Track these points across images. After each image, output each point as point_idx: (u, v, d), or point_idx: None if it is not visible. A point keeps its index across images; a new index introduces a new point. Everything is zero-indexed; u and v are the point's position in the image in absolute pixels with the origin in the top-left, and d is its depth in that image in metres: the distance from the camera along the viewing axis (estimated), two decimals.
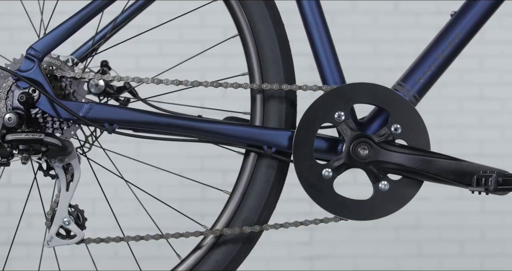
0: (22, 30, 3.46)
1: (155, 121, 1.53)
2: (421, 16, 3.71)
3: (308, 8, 1.60)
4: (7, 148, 1.48)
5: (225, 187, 1.66)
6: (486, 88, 3.70)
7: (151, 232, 1.59)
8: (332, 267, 3.61)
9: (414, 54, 3.74)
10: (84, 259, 1.86)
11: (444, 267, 3.60)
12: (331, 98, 1.52)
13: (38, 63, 1.51)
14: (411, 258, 3.63)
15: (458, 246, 3.63)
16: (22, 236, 3.57)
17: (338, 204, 1.52)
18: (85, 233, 1.55)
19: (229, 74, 1.67)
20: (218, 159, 3.62)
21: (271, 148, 1.55)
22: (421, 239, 3.63)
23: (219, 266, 1.57)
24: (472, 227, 3.63)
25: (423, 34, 3.67)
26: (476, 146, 3.66)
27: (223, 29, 3.63)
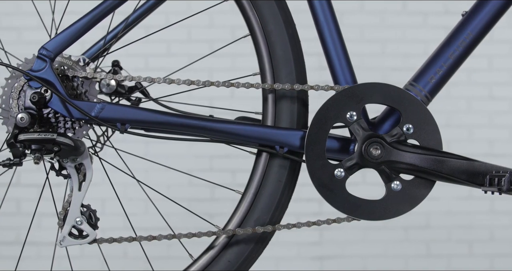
0: (31, 30, 3.48)
1: (167, 121, 1.53)
2: (429, 16, 3.70)
3: (320, 8, 1.60)
4: (19, 148, 1.48)
5: (234, 187, 1.66)
6: (495, 88, 3.70)
7: (160, 231, 1.59)
8: (342, 267, 3.61)
9: (422, 54, 3.75)
10: (89, 259, 1.86)
11: (453, 267, 3.59)
12: (343, 98, 1.52)
13: (50, 63, 1.52)
14: (420, 258, 3.62)
15: (467, 246, 3.62)
16: (31, 236, 3.58)
17: (350, 204, 1.52)
18: (97, 233, 1.55)
19: (237, 74, 1.66)
20: (226, 158, 3.62)
21: (283, 148, 1.55)
22: (430, 239, 3.62)
23: (232, 266, 1.57)
24: (481, 227, 3.62)
25: (431, 34, 3.69)
26: (485, 146, 3.65)
27: (231, 29, 3.63)
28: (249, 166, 3.74)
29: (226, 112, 1.88)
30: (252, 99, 2.26)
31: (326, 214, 3.53)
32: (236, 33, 3.65)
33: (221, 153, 3.63)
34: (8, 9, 3.61)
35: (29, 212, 3.60)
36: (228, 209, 1.64)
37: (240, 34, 1.67)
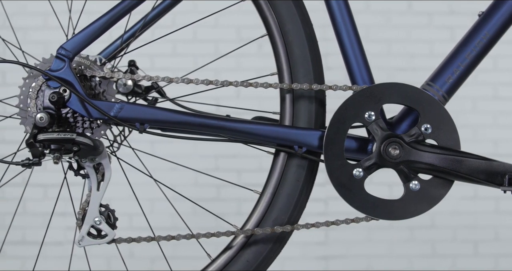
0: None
1: (187, 121, 1.53)
2: (434, 16, 3.70)
3: (337, 8, 1.60)
4: (38, 148, 1.48)
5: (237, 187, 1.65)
6: (500, 88, 3.70)
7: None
8: (347, 267, 3.61)
9: (427, 54, 3.75)
10: (94, 259, 1.85)
11: (458, 267, 3.60)
12: (362, 98, 1.52)
13: (69, 62, 1.52)
14: (425, 258, 3.63)
15: (472, 246, 3.62)
16: (37, 236, 3.58)
17: (369, 203, 1.52)
18: (116, 233, 1.55)
19: (247, 74, 1.66)
20: (232, 158, 3.62)
21: (301, 148, 1.55)
22: (435, 239, 3.63)
23: (250, 266, 1.57)
24: (486, 227, 3.63)
25: (436, 34, 3.69)
26: (490, 146, 3.66)
27: (237, 29, 3.63)
28: (254, 166, 3.75)
29: (240, 112, 1.88)
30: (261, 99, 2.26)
31: (332, 214, 3.55)
32: (252, 33, 3.66)
33: (227, 152, 3.63)
34: (25, 9, 3.60)
35: (35, 212, 3.60)
36: (235, 209, 1.65)
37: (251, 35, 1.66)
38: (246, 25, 3.57)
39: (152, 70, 3.22)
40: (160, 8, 1.76)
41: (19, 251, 3.59)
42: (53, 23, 3.21)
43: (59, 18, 1.79)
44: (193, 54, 3.67)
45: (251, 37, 1.66)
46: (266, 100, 2.58)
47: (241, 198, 3.48)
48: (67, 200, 3.63)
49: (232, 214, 3.37)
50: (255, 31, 1.67)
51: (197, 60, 3.69)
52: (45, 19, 3.65)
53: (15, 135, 3.43)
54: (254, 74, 3.17)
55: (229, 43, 3.63)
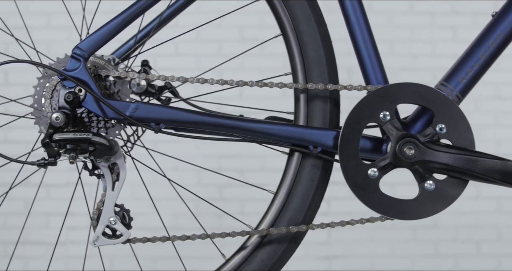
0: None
1: (202, 121, 1.53)
2: (437, 16, 3.71)
3: (351, 8, 1.61)
4: (54, 147, 1.48)
5: (243, 186, 1.65)
6: (502, 88, 3.71)
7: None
8: (349, 267, 3.62)
9: (430, 54, 3.75)
10: (96, 259, 1.85)
11: (461, 267, 3.61)
12: (377, 98, 1.53)
13: (84, 62, 1.51)
14: (427, 258, 3.63)
15: (474, 245, 3.63)
16: (39, 236, 3.58)
17: (384, 203, 1.53)
18: (131, 233, 1.55)
19: (249, 74, 1.66)
20: (235, 158, 3.62)
21: (316, 148, 1.55)
22: (437, 238, 3.63)
23: (265, 265, 1.57)
24: (488, 227, 3.63)
25: (439, 34, 3.70)
26: (492, 146, 3.67)
27: (239, 29, 3.63)
28: (257, 166, 3.74)
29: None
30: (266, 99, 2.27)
31: (334, 214, 3.55)
32: (245, 34, 3.66)
33: (229, 152, 3.63)
34: (38, 9, 3.60)
35: (38, 212, 3.60)
36: (238, 209, 1.66)
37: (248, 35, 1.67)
38: (249, 25, 3.58)
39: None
40: (174, 8, 1.76)
41: (21, 251, 3.57)
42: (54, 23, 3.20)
43: (72, 17, 1.78)
44: (196, 54, 3.67)
45: (254, 38, 1.65)
46: (270, 100, 2.59)
47: (244, 198, 3.49)
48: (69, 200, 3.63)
49: (235, 213, 3.37)
50: (257, 32, 1.67)
51: (200, 60, 3.69)
52: (48, 19, 3.65)
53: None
54: (256, 75, 3.18)
55: (232, 43, 3.64)
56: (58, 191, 3.56)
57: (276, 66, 3.53)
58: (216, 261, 1.63)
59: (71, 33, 3.55)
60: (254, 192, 1.62)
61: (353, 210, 1.50)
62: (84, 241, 3.50)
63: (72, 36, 3.60)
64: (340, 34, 1.70)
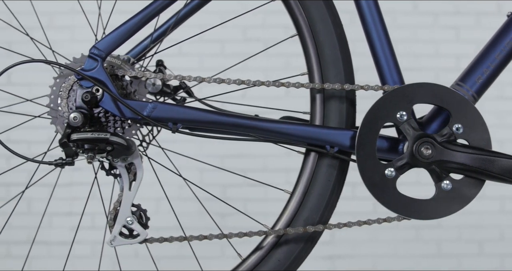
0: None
1: (220, 121, 1.53)
2: (440, 16, 3.71)
3: (367, 8, 1.61)
4: (72, 147, 1.48)
5: (246, 186, 1.65)
6: (505, 88, 3.72)
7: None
8: (353, 267, 3.62)
9: (433, 54, 3.75)
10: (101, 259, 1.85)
11: (464, 267, 3.61)
12: (394, 98, 1.53)
13: (101, 62, 1.51)
14: (430, 258, 3.64)
15: (477, 245, 3.64)
16: (42, 235, 3.57)
17: (401, 203, 1.53)
18: (147, 233, 1.55)
19: (252, 74, 1.66)
20: (237, 158, 3.62)
21: (333, 148, 1.55)
22: (440, 238, 3.64)
23: (281, 265, 1.57)
24: (491, 227, 3.64)
25: (442, 34, 3.70)
26: (495, 146, 3.65)
27: (243, 29, 3.63)
28: (259, 166, 3.74)
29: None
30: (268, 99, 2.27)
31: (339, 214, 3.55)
32: (249, 34, 3.66)
33: (232, 152, 3.63)
34: (53, 8, 3.59)
35: (41, 212, 3.59)
36: (241, 209, 1.66)
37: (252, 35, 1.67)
38: (253, 25, 3.58)
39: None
40: (189, 7, 1.76)
41: (24, 251, 3.57)
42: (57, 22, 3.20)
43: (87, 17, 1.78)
44: (199, 54, 3.67)
45: (258, 38, 1.66)
46: (274, 100, 2.59)
47: (247, 198, 3.49)
48: (72, 200, 3.62)
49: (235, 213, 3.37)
50: (260, 31, 1.67)
51: (203, 60, 3.69)
52: (50, 19, 3.64)
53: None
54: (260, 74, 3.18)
55: (235, 43, 3.64)
56: (61, 190, 3.56)
57: (279, 66, 3.54)
58: (230, 261, 1.63)
59: (74, 33, 3.56)
60: (256, 192, 1.62)
61: (356, 210, 1.51)
62: (88, 241, 3.52)
63: (75, 36, 3.62)
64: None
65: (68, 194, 3.52)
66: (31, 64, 1.55)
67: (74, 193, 3.55)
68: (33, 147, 3.42)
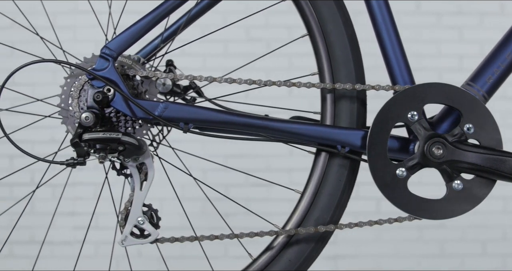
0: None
1: (232, 120, 1.53)
2: (443, 16, 3.71)
3: (377, 8, 1.61)
4: (84, 147, 1.48)
5: (249, 186, 1.65)
6: (508, 88, 3.71)
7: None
8: (355, 267, 3.62)
9: (436, 54, 3.75)
10: (103, 259, 1.85)
11: (467, 266, 3.61)
12: (405, 98, 1.53)
13: (113, 62, 1.51)
14: (433, 258, 3.64)
15: (480, 245, 3.64)
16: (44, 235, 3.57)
17: (412, 203, 1.53)
18: (159, 233, 1.55)
19: (256, 74, 1.65)
20: (241, 158, 3.62)
21: (344, 148, 1.55)
22: (443, 238, 3.64)
23: (292, 265, 1.57)
24: (494, 227, 3.64)
25: (445, 34, 3.70)
26: None
27: (246, 29, 3.63)
28: (262, 166, 3.73)
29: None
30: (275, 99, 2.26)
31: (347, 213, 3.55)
32: (252, 33, 3.66)
33: (235, 152, 3.63)
34: (53, 8, 3.58)
35: (44, 212, 3.58)
36: (243, 208, 1.67)
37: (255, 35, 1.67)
38: (255, 25, 3.58)
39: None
40: (199, 7, 1.76)
41: (28, 251, 3.57)
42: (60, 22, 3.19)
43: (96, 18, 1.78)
44: (203, 54, 3.67)
45: (260, 38, 1.65)
46: (277, 100, 2.59)
47: (249, 198, 3.49)
48: (75, 200, 3.61)
49: (242, 213, 3.37)
50: (263, 32, 1.67)
51: (206, 59, 3.69)
52: (53, 19, 3.63)
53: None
54: (263, 74, 3.18)
55: (238, 44, 3.64)
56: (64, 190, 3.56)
57: (282, 66, 3.54)
58: (241, 261, 1.63)
59: (76, 33, 3.55)
60: (259, 192, 1.62)
61: (362, 210, 1.51)
62: (91, 241, 3.51)
63: (77, 36, 3.62)
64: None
65: (70, 194, 3.52)
66: (38, 64, 1.54)
67: (77, 193, 3.55)
68: (36, 147, 3.41)
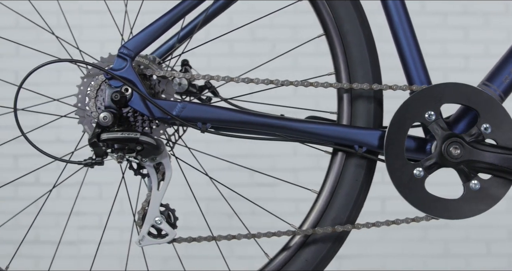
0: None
1: (249, 120, 1.53)
2: (448, 16, 3.72)
3: (394, 8, 1.62)
4: (102, 147, 1.48)
5: (253, 186, 1.65)
6: None
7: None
8: (360, 267, 3.62)
9: (441, 54, 3.76)
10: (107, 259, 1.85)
11: (472, 267, 3.61)
12: (422, 98, 1.53)
13: (131, 62, 1.51)
14: (438, 258, 3.64)
15: (485, 245, 3.64)
16: (50, 236, 3.57)
17: (430, 203, 1.53)
18: (176, 232, 1.55)
19: (260, 74, 1.65)
20: (245, 158, 3.62)
21: (361, 147, 1.56)
22: (448, 238, 3.64)
23: (309, 265, 1.57)
24: (499, 227, 3.64)
25: (450, 34, 3.70)
26: None
27: (250, 29, 3.63)
28: (267, 165, 3.73)
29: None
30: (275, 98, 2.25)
31: None
32: (256, 33, 3.66)
33: (240, 152, 3.63)
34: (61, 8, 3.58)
35: (48, 212, 3.58)
36: (249, 208, 1.67)
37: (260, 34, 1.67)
38: (260, 25, 3.57)
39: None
40: (215, 7, 1.75)
41: (32, 251, 3.57)
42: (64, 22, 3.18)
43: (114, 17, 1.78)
44: (208, 54, 3.66)
45: (264, 37, 1.65)
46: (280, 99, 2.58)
47: (253, 198, 3.48)
48: (79, 199, 3.61)
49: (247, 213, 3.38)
50: (268, 31, 1.66)
51: (211, 59, 3.69)
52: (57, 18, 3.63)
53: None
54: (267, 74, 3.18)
55: (243, 43, 3.64)
56: (68, 190, 3.55)
57: (287, 66, 3.54)
58: (255, 261, 1.62)
59: (81, 33, 3.55)
60: (263, 192, 1.62)
61: (372, 210, 1.52)
62: (95, 241, 3.51)
63: (82, 36, 3.61)
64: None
65: (74, 194, 3.52)
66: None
67: (81, 193, 3.54)
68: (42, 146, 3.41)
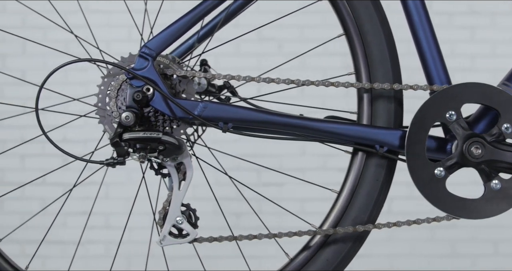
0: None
1: (271, 120, 1.53)
2: (454, 16, 3.72)
3: (414, 8, 1.62)
4: (124, 147, 1.48)
5: (259, 186, 1.66)
6: None
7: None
8: (367, 267, 3.61)
9: (448, 54, 3.74)
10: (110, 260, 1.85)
11: (479, 267, 3.61)
12: (443, 98, 1.53)
13: (152, 61, 1.51)
14: (445, 258, 3.64)
15: (492, 245, 3.64)
16: (56, 235, 3.56)
17: (451, 203, 1.53)
18: (197, 232, 1.55)
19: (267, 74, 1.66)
20: (253, 158, 3.61)
21: (382, 147, 1.56)
22: (455, 238, 3.64)
23: (330, 265, 1.57)
24: (506, 227, 3.64)
25: (457, 34, 3.70)
26: None
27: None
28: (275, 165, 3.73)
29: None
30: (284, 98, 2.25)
31: None
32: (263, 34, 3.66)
33: (247, 151, 3.62)
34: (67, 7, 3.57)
35: (55, 212, 3.58)
36: (255, 208, 1.67)
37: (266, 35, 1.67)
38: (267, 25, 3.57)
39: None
40: (233, 7, 1.75)
41: (38, 250, 3.56)
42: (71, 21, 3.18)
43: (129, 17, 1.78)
44: (214, 53, 3.66)
45: (272, 37, 1.65)
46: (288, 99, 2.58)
47: (258, 198, 3.48)
48: (85, 199, 3.61)
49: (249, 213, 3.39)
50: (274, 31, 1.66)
51: (219, 59, 3.69)
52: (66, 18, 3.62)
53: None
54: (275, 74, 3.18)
55: (248, 43, 3.64)
56: (74, 190, 3.55)
57: (292, 65, 3.54)
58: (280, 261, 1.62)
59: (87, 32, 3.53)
60: (267, 192, 1.63)
61: None
62: (102, 241, 3.51)
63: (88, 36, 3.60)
64: None
65: (82, 193, 3.52)
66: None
67: (88, 193, 3.54)
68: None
